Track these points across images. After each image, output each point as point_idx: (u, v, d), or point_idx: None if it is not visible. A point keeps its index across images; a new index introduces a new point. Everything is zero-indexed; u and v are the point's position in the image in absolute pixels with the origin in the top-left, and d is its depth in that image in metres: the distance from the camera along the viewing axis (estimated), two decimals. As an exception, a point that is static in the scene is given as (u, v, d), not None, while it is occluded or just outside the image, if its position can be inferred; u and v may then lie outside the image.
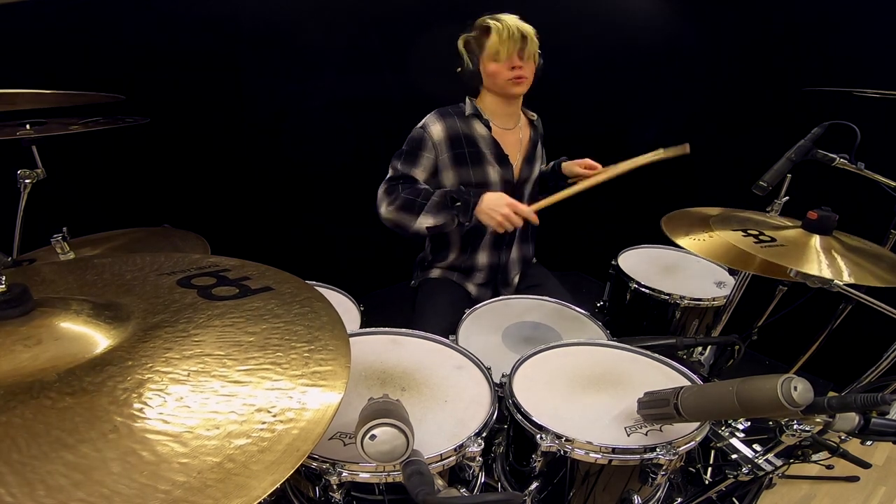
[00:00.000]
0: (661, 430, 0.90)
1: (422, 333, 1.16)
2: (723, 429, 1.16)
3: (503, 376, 1.04)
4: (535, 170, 1.61)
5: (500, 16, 1.37)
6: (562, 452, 0.88)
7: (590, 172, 1.47)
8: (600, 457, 0.86)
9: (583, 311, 1.39)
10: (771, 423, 0.93)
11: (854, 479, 1.68)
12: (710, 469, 1.21)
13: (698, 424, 0.90)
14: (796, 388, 0.68)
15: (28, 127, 1.17)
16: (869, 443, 1.62)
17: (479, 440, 0.85)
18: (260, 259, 0.84)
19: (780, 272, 1.08)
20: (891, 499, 1.65)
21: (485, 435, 0.87)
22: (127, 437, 0.47)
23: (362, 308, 1.37)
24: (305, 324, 0.67)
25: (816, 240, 1.11)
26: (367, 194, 1.46)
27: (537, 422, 0.90)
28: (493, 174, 1.49)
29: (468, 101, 1.50)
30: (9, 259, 1.14)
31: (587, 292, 2.67)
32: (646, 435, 0.89)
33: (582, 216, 2.40)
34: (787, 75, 1.92)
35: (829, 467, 1.62)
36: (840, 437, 0.96)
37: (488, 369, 1.04)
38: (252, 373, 0.57)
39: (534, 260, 1.77)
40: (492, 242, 1.60)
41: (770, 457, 1.03)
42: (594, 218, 2.55)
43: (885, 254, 1.16)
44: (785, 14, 1.91)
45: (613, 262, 1.69)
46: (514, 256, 1.66)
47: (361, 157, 2.16)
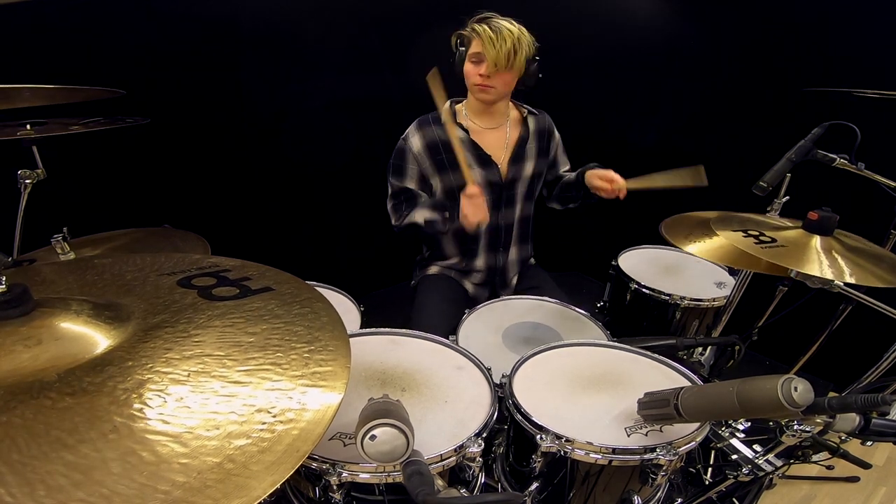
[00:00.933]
0: (661, 431, 0.90)
1: (422, 334, 1.16)
2: (723, 429, 1.16)
3: (503, 377, 1.04)
4: (528, 168, 1.56)
5: (493, 20, 1.34)
6: (562, 453, 0.88)
7: (608, 186, 1.40)
8: (600, 457, 0.86)
9: (583, 312, 1.39)
10: (771, 423, 0.93)
11: (854, 480, 1.68)
12: (710, 469, 1.21)
13: (698, 425, 0.90)
14: (796, 389, 0.68)
15: (28, 127, 1.17)
16: (869, 443, 1.62)
17: (480, 440, 0.85)
18: (260, 259, 0.84)
19: (781, 272, 1.08)
20: (891, 499, 1.64)
21: (485, 435, 0.87)
22: (127, 438, 0.47)
23: (362, 308, 1.37)
24: (305, 324, 0.67)
25: (817, 240, 1.11)
26: (366, 194, 1.47)
27: (537, 422, 0.90)
28: (476, 176, 1.48)
29: (448, 104, 1.46)
30: (9, 259, 1.14)
31: (587, 293, 2.66)
32: (646, 435, 0.89)
33: (582, 216, 2.39)
34: (787, 75, 1.92)
35: (829, 468, 1.62)
36: (840, 437, 0.97)
37: (488, 370, 1.04)
38: (252, 373, 0.57)
39: (532, 261, 1.77)
40: (489, 245, 1.60)
41: (770, 457, 1.03)
42: (594, 218, 2.55)
43: (885, 254, 1.16)
44: (785, 14, 1.90)
45: (613, 262, 1.69)
46: (513, 258, 1.66)
47: (361, 157, 2.16)
